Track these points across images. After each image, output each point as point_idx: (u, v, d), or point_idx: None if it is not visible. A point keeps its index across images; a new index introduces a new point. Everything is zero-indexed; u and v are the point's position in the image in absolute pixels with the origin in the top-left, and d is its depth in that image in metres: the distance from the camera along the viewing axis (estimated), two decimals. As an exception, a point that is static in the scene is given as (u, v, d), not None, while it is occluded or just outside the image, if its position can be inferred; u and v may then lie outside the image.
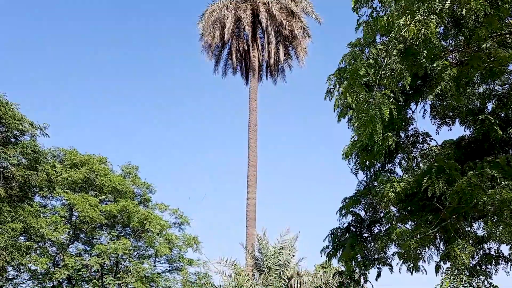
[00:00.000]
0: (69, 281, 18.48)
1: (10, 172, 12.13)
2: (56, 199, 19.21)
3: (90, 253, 19.33)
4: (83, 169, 18.71)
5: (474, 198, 5.25)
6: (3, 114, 12.39)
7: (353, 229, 8.98)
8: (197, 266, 22.58)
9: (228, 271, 17.22)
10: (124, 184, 19.81)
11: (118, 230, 20.67)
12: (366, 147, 7.64)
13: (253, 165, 21.16)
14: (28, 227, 13.11)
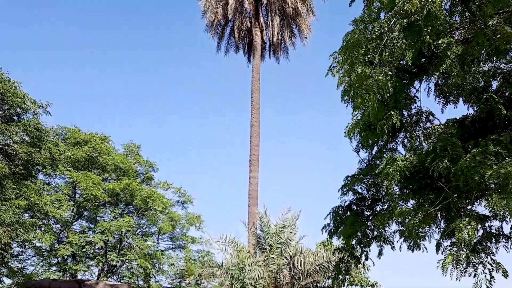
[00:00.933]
0: (73, 258, 18.73)
1: (13, 149, 12.16)
2: (60, 177, 19.33)
3: (94, 231, 19.54)
4: (86, 148, 18.77)
5: (478, 174, 5.24)
6: (5, 92, 12.34)
7: (354, 207, 9.04)
8: (199, 244, 22.85)
9: (230, 249, 17.44)
10: (126, 162, 19.89)
11: (121, 208, 20.86)
12: (369, 125, 7.61)
13: (256, 145, 21.17)
14: (32, 204, 13.21)
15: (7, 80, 13.12)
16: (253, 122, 21.73)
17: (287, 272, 15.87)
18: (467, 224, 5.54)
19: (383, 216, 7.55)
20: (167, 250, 22.33)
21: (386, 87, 5.66)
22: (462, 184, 5.72)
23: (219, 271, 17.41)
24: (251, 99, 22.35)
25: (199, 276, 18.05)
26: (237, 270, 15.54)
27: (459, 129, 7.54)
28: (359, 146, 8.24)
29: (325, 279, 17.24)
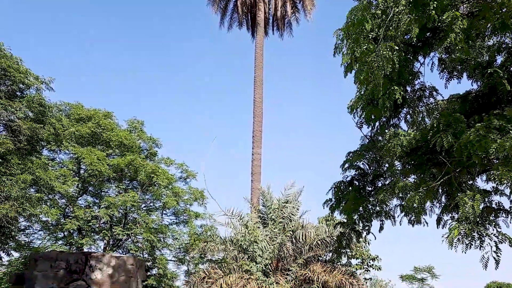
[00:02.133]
0: (79, 232, 19.03)
1: (17, 125, 12.21)
2: (64, 153, 19.45)
3: (99, 205, 19.78)
4: (90, 124, 18.81)
5: (483, 148, 5.26)
6: (8, 67, 12.31)
7: (356, 183, 9.11)
8: (203, 219, 23.13)
9: (235, 222, 17.68)
10: (130, 138, 19.95)
11: (126, 184, 21.04)
12: (372, 101, 7.60)
13: (259, 121, 21.18)
14: (38, 179, 13.35)
15: (9, 55, 13.08)
16: (256, 99, 21.68)
17: (289, 246, 16.12)
18: (472, 197, 5.59)
19: (385, 191, 7.62)
20: (171, 225, 22.65)
21: (391, 62, 5.63)
22: (465, 159, 5.75)
23: (223, 244, 17.69)
24: (254, 75, 22.22)
25: (203, 249, 18.36)
26: (247, 241, 15.76)
27: (462, 105, 7.53)
28: (361, 122, 8.25)
29: (327, 253, 17.51)
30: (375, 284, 41.13)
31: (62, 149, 18.26)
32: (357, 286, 14.99)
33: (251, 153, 20.98)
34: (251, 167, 20.79)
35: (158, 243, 19.51)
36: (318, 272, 15.07)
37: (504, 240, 5.88)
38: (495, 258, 5.83)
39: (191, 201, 22.51)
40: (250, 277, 14.86)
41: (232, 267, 16.32)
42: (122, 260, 4.93)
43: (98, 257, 4.92)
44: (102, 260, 4.91)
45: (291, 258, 16.16)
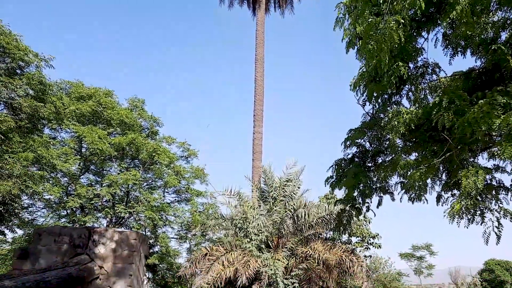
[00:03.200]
0: (82, 210, 19.18)
1: (18, 103, 12.17)
2: (65, 131, 19.42)
3: (101, 184, 19.88)
4: (90, 102, 18.74)
5: (486, 124, 5.24)
6: (7, 44, 12.17)
7: (357, 160, 9.13)
8: (204, 197, 23.29)
9: (234, 201, 17.80)
10: (131, 117, 19.90)
11: (127, 162, 21.10)
12: (374, 78, 7.55)
13: (260, 99, 21.08)
14: (40, 157, 13.37)
15: (7, 32, 12.93)
16: (257, 77, 21.52)
17: (290, 223, 16.26)
18: (475, 173, 5.60)
19: (386, 168, 7.64)
20: (173, 203, 22.82)
21: (396, 36, 5.56)
22: (468, 135, 5.74)
23: (224, 222, 17.85)
24: (255, 53, 22.01)
25: (204, 227, 18.54)
26: (241, 220, 15.93)
27: (465, 82, 7.48)
28: (364, 99, 8.21)
29: (327, 230, 17.68)
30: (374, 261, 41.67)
31: (63, 127, 18.23)
32: (357, 263, 15.16)
33: (252, 132, 20.96)
34: (252, 146, 20.80)
35: (160, 221, 19.68)
36: (319, 249, 15.24)
37: (505, 215, 5.93)
38: (497, 233, 5.89)
39: (192, 179, 22.63)
40: (252, 254, 15.04)
41: (233, 244, 16.50)
42: (125, 235, 4.98)
43: (101, 232, 4.96)
44: (105, 235, 4.96)
45: (292, 236, 16.31)
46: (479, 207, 5.90)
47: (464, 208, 5.70)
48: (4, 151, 11.99)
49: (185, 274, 17.08)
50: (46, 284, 3.84)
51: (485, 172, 5.83)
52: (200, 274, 16.37)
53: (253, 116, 21.14)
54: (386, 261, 43.39)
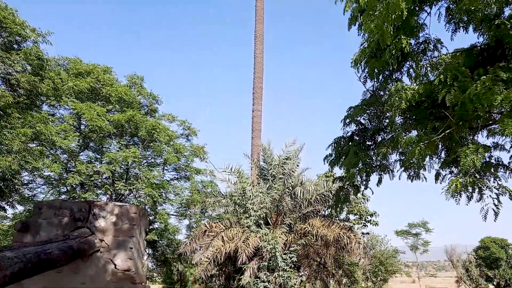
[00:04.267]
0: (82, 186, 19.26)
1: (16, 78, 12.06)
2: (64, 108, 19.34)
3: (100, 161, 19.93)
4: (89, 79, 18.59)
5: (488, 100, 5.22)
6: (4, 19, 11.98)
7: (356, 138, 9.13)
8: (203, 175, 23.41)
9: (234, 179, 17.88)
10: (130, 94, 19.78)
11: (127, 140, 21.09)
12: (376, 54, 7.49)
13: (259, 77, 20.93)
14: (39, 133, 13.34)
15: (3, 6, 12.71)
16: (257, 54, 21.31)
17: (289, 201, 16.37)
18: (474, 150, 5.61)
19: (386, 146, 7.64)
20: (172, 180, 22.93)
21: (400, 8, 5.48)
22: (470, 112, 5.72)
23: (223, 199, 17.98)
24: (255, 30, 21.73)
25: (203, 204, 18.69)
26: (240, 196, 16.03)
27: (467, 59, 7.41)
28: (364, 76, 8.15)
29: (326, 208, 17.83)
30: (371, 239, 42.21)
31: (61, 104, 18.13)
32: (354, 239, 15.35)
33: (252, 110, 20.89)
34: (251, 124, 20.77)
35: (159, 198, 19.80)
36: (317, 226, 15.41)
37: (504, 192, 5.97)
38: (495, 210, 5.94)
39: (192, 158, 22.69)
40: (251, 230, 15.20)
41: (232, 220, 16.67)
42: (125, 209, 5.01)
43: (101, 206, 4.99)
44: (105, 209, 4.99)
45: (291, 213, 16.45)
46: (477, 184, 5.93)
47: (463, 186, 5.73)
48: (3, 126, 11.96)
49: (185, 251, 17.30)
50: (47, 256, 3.88)
51: (484, 150, 5.84)
52: (199, 250, 16.58)
53: (252, 94, 21.02)
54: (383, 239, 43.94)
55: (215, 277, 20.02)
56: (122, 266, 4.67)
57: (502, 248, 43.63)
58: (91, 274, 4.71)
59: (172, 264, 23.16)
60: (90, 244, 4.65)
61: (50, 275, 4.77)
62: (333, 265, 17.50)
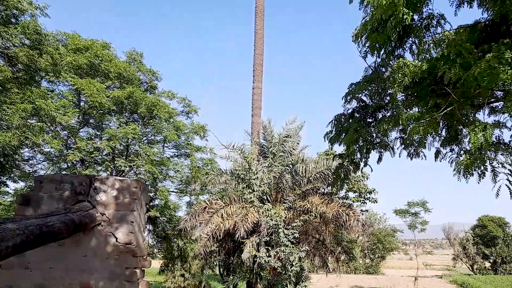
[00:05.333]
0: (82, 163, 19.32)
1: (14, 52, 11.92)
2: (63, 84, 19.22)
3: (100, 137, 19.92)
4: (87, 54, 18.39)
5: (493, 79, 5.17)
6: (-1, -9, 11.78)
7: (357, 115, 9.09)
8: (203, 152, 23.45)
9: (235, 155, 17.92)
10: (130, 70, 19.61)
11: (126, 116, 21.04)
12: (377, 28, 7.38)
13: (259, 54, 20.72)
14: (38, 109, 13.27)
15: (-2, -22, 12.46)
16: (257, 30, 21.05)
17: (289, 178, 16.44)
18: (483, 128, 5.58)
19: (387, 122, 7.61)
20: (172, 158, 22.98)
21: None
22: (473, 90, 5.68)
23: (223, 176, 18.06)
24: (256, 4, 21.41)
25: (203, 181, 18.77)
26: (244, 171, 16.09)
27: (471, 35, 7.32)
28: (366, 51, 8.06)
29: (325, 186, 17.92)
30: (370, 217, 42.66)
31: (60, 80, 18.00)
32: (353, 217, 15.47)
33: (252, 87, 20.77)
34: (251, 101, 20.68)
35: (160, 175, 19.88)
36: (316, 203, 15.51)
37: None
38: (509, 187, 5.97)
39: (192, 135, 22.69)
40: (251, 206, 15.31)
41: (232, 198, 16.78)
42: (126, 183, 5.03)
43: (102, 180, 5.01)
44: (106, 183, 5.01)
45: (290, 190, 16.54)
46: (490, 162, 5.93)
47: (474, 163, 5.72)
48: (2, 102, 11.90)
49: (185, 227, 17.47)
50: (49, 228, 3.91)
51: (493, 127, 5.81)
52: (199, 227, 16.74)
53: (253, 70, 20.86)
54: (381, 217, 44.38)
55: (214, 253, 20.29)
56: (123, 240, 4.71)
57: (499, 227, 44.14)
58: (92, 247, 4.75)
59: (172, 240, 23.45)
60: (91, 218, 4.69)
61: (52, 247, 4.82)
62: (332, 242, 17.72)
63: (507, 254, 43.32)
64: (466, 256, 46.73)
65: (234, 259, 18.20)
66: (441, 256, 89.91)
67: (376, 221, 45.22)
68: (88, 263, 4.72)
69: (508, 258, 43.64)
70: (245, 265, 16.49)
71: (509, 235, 43.93)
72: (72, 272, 4.74)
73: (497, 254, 43.88)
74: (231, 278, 17.65)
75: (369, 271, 46.55)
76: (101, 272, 4.71)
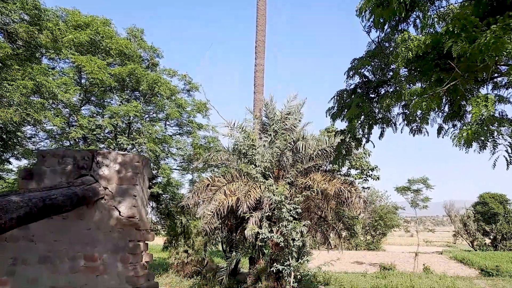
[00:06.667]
0: (84, 141, 19.37)
1: (13, 28, 11.80)
2: (64, 61, 19.09)
3: (102, 115, 19.91)
4: (88, 31, 18.20)
5: (498, 50, 5.10)
6: (-4, -34, 11.58)
7: (359, 91, 9.03)
8: (205, 130, 23.47)
9: (237, 133, 17.94)
10: (130, 47, 19.43)
11: (128, 94, 20.96)
12: (382, 2, 7.26)
13: (262, 30, 20.47)
14: (40, 85, 13.21)
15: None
16: (259, 6, 20.74)
17: (290, 156, 16.48)
18: (484, 99, 5.54)
19: (390, 98, 7.57)
20: (174, 135, 23.01)
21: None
22: (478, 62, 5.61)
23: (226, 153, 18.11)
24: (258, -20, 21.03)
25: (206, 158, 18.84)
26: (247, 146, 16.13)
27: (476, 9, 7.19)
28: (370, 26, 7.95)
29: (327, 163, 17.97)
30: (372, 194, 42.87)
31: (61, 57, 17.87)
32: (355, 193, 15.57)
33: (254, 64, 20.59)
34: (253, 79, 20.54)
35: (162, 152, 19.94)
36: (318, 180, 15.59)
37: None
38: (507, 158, 5.97)
39: (194, 113, 22.65)
40: (254, 183, 15.40)
41: (235, 175, 16.86)
42: (128, 157, 5.04)
43: (105, 154, 5.02)
44: (109, 157, 5.03)
45: (292, 167, 16.59)
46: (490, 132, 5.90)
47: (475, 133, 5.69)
48: (3, 78, 11.84)
49: (187, 204, 17.61)
50: (52, 201, 3.94)
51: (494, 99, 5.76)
52: (202, 204, 16.88)
53: (255, 47, 20.64)
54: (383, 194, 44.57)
55: (218, 230, 20.51)
56: (126, 213, 4.76)
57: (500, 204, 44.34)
58: (96, 220, 4.81)
59: (175, 217, 23.70)
60: (94, 191, 4.72)
61: (56, 220, 4.88)
62: (333, 219, 17.87)
63: (507, 230, 43.70)
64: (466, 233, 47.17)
65: (237, 236, 18.43)
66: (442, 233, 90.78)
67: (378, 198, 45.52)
68: (91, 236, 4.78)
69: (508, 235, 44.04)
70: (247, 241, 16.71)
71: (509, 212, 44.23)
72: (76, 245, 4.81)
73: (498, 230, 44.26)
74: (234, 254, 17.91)
75: (370, 248, 47.14)
76: (104, 245, 4.77)
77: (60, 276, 4.96)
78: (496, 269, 28.04)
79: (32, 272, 4.97)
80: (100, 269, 4.92)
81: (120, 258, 4.87)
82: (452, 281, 22.14)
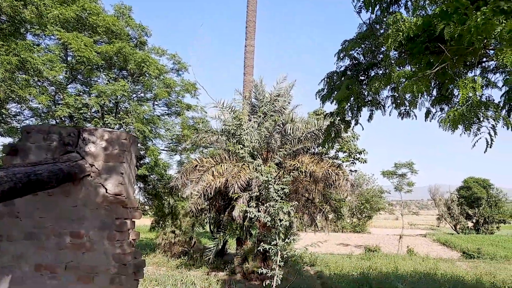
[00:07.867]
0: (71, 119, 19.07)
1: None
2: (49, 37, 18.61)
3: (89, 94, 19.59)
4: (74, 7, 17.72)
5: (488, 31, 5.10)
6: None
7: (349, 73, 9.00)
8: (194, 111, 23.28)
9: (226, 114, 17.85)
10: (118, 25, 19.01)
11: (115, 73, 20.60)
12: (373, -18, 7.19)
13: (252, 10, 20.21)
14: (24, 61, 12.89)
15: None
16: (251, -14, 20.42)
17: (278, 138, 16.50)
18: (472, 81, 5.57)
19: (379, 80, 7.55)
20: (163, 116, 22.79)
21: None
22: (468, 44, 5.60)
23: (215, 135, 18.04)
24: (249, -41, 20.66)
25: (194, 139, 18.76)
26: (235, 126, 16.08)
27: (468, -9, 7.17)
28: (360, 6, 7.88)
29: (315, 145, 18.04)
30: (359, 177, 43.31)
31: (46, 33, 17.40)
32: (342, 176, 15.71)
33: (244, 45, 20.39)
34: (243, 60, 20.36)
35: (150, 133, 19.75)
36: (306, 162, 15.67)
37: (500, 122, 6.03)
38: (487, 140, 6.04)
39: (183, 93, 22.41)
40: (243, 164, 15.41)
41: (223, 156, 16.84)
42: (116, 135, 4.97)
43: (91, 131, 4.94)
44: (95, 134, 4.95)
45: (280, 149, 16.64)
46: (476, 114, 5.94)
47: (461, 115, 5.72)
48: (-14, 54, 11.52)
49: (176, 185, 17.59)
50: (37, 176, 3.87)
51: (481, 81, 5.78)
52: (190, 185, 16.87)
53: (245, 28, 20.41)
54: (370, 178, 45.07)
55: (205, 211, 20.54)
56: (113, 190, 4.72)
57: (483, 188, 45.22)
58: (82, 197, 4.76)
59: (163, 197, 23.66)
60: (80, 168, 4.66)
61: (42, 197, 4.82)
62: (321, 201, 18.04)
63: (489, 214, 44.71)
64: (450, 216, 48.13)
65: (225, 217, 18.52)
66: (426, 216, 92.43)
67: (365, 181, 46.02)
68: (78, 213, 4.74)
69: (490, 219, 45.08)
70: (235, 222, 16.80)
71: (492, 196, 45.19)
72: (62, 222, 4.77)
73: (480, 214, 45.25)
74: (221, 235, 18.01)
75: (356, 230, 47.88)
76: (91, 222, 4.74)
77: (46, 252, 4.92)
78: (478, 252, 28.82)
79: (18, 248, 4.93)
80: (87, 246, 4.90)
81: (107, 235, 4.84)
82: (435, 262, 22.67)
